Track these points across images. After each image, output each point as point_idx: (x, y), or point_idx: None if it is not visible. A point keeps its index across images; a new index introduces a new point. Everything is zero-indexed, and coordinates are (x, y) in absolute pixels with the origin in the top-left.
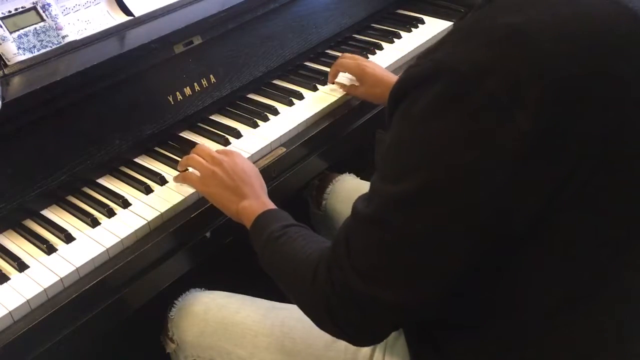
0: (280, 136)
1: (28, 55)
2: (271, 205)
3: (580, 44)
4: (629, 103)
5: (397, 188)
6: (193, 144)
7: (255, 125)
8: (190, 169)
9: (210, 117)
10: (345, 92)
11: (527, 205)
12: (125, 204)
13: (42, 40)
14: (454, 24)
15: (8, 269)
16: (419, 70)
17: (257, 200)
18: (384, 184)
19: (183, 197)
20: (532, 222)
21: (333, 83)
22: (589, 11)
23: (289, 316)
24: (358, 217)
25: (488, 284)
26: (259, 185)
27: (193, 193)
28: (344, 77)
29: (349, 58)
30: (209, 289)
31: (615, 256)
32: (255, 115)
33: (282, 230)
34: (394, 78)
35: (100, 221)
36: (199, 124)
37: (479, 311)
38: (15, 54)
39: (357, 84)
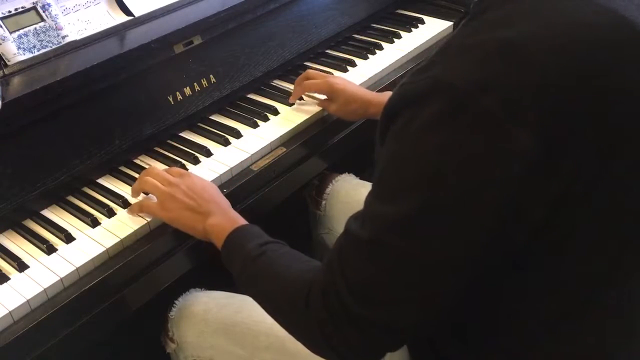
0: (280, 136)
1: (28, 55)
2: (241, 220)
3: (577, 56)
4: (627, 112)
5: (395, 208)
6: (193, 144)
7: (255, 125)
8: (148, 196)
9: (210, 117)
10: (320, 107)
11: (527, 220)
12: (125, 203)
13: (42, 40)
14: (449, 37)
15: (8, 269)
16: (415, 87)
17: (225, 216)
18: (380, 204)
19: None
20: (531, 235)
21: (293, 104)
22: (583, 22)
23: None
24: (352, 238)
25: (489, 294)
26: (223, 201)
27: None
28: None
29: (314, 76)
30: (209, 289)
31: (615, 266)
32: (255, 115)
33: (260, 249)
34: (366, 93)
35: (100, 221)
36: (199, 124)
37: (480, 320)
38: (15, 54)
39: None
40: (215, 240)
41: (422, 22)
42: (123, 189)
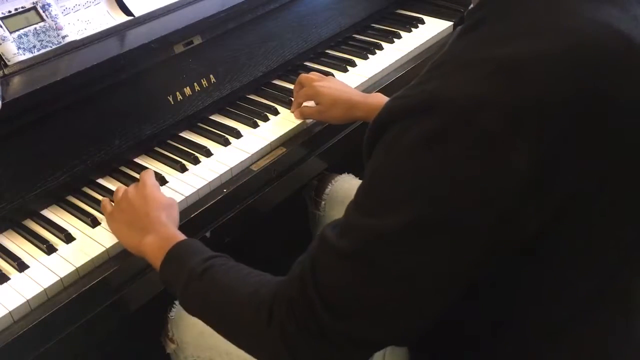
0: (280, 136)
1: (28, 55)
2: (180, 236)
3: (575, 73)
4: (626, 126)
5: (382, 222)
6: (193, 144)
7: (255, 125)
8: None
9: (210, 117)
10: (303, 119)
11: (521, 236)
12: None
13: (42, 40)
14: (440, 54)
15: (8, 269)
16: (409, 100)
17: (160, 233)
18: (364, 216)
19: (184, 197)
20: (525, 250)
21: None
22: (581, 38)
23: None
24: (331, 250)
25: (485, 302)
26: (168, 217)
27: (193, 193)
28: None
29: (304, 81)
30: None
31: (614, 276)
32: (255, 115)
33: (204, 264)
34: (352, 95)
35: (100, 221)
36: (199, 124)
37: (478, 327)
38: (15, 54)
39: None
40: (151, 260)
41: (422, 22)
42: None
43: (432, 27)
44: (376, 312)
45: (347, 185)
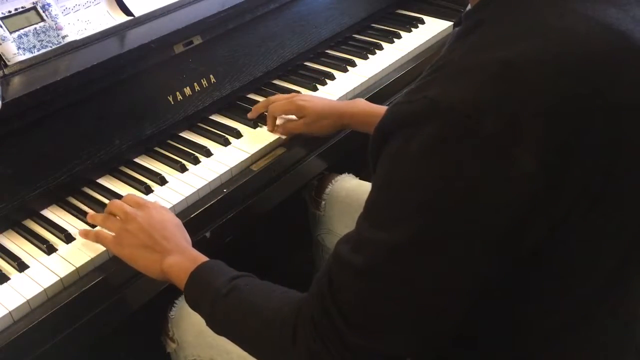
0: (280, 136)
1: (28, 55)
2: (202, 257)
3: (577, 76)
4: (628, 127)
5: (391, 236)
6: (193, 144)
7: (255, 125)
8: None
9: (210, 117)
10: (286, 134)
11: (527, 242)
12: None
13: (42, 40)
14: (440, 57)
15: (8, 269)
16: (412, 107)
17: (184, 255)
18: (375, 230)
19: (184, 197)
20: (531, 255)
21: (272, 130)
22: (582, 39)
23: None
24: (345, 265)
25: (487, 310)
26: (182, 238)
27: (193, 193)
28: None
29: (280, 99)
30: None
31: (613, 281)
32: None
33: (229, 284)
34: (335, 104)
35: None
36: (199, 124)
37: (477, 333)
38: (15, 54)
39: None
40: (176, 281)
41: (422, 22)
42: (123, 189)
43: (432, 27)
44: (395, 325)
45: (347, 185)
